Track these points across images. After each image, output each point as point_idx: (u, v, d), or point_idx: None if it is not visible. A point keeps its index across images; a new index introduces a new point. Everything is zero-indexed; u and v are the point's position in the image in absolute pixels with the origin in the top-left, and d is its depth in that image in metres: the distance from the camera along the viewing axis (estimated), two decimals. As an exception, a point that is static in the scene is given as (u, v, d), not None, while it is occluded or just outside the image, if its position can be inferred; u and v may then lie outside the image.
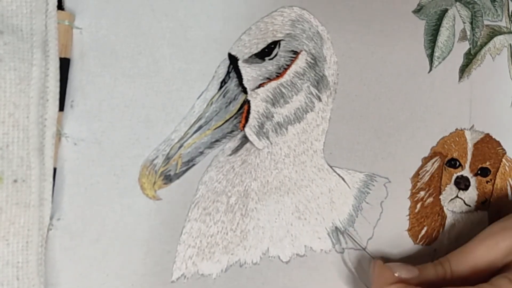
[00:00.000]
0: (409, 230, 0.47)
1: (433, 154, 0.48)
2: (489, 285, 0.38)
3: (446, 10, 0.49)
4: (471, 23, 0.50)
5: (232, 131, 0.40)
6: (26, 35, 0.33)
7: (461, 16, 0.49)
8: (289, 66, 0.42)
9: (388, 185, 0.46)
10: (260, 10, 0.41)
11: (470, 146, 0.50)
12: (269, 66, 0.41)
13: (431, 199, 0.48)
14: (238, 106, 0.40)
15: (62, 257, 0.35)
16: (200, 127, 0.39)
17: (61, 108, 0.35)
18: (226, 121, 0.40)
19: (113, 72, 0.36)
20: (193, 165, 0.39)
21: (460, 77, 0.49)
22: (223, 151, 0.40)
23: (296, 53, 0.42)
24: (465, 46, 0.50)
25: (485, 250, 0.42)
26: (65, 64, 0.35)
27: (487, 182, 0.51)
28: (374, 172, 0.46)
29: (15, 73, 0.33)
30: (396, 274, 0.40)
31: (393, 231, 0.47)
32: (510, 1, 0.52)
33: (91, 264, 0.36)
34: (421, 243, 0.48)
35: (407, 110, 0.47)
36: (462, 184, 0.50)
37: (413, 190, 0.47)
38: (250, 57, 0.40)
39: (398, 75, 0.47)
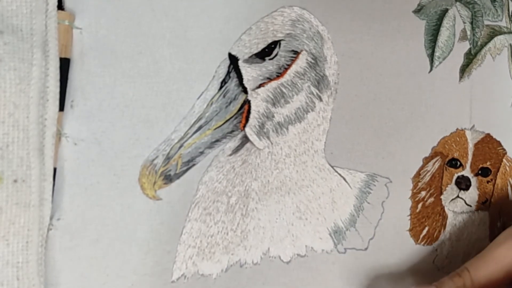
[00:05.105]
0: (410, 230, 0.47)
1: (434, 154, 0.48)
2: None
3: (446, 10, 0.49)
4: (472, 23, 0.50)
5: (232, 131, 0.40)
6: (26, 35, 0.33)
7: (461, 16, 0.49)
8: (289, 66, 0.42)
9: (389, 185, 0.46)
10: (260, 10, 0.41)
11: (470, 146, 0.50)
12: (269, 66, 0.41)
13: (432, 199, 0.48)
14: (239, 106, 0.40)
15: (62, 257, 0.35)
16: (200, 127, 0.39)
17: (61, 108, 0.35)
18: (227, 121, 0.40)
19: (113, 72, 0.36)
20: (193, 165, 0.39)
21: (461, 77, 0.49)
22: (223, 151, 0.40)
23: (296, 53, 0.42)
24: (466, 46, 0.50)
25: (505, 252, 0.41)
26: (65, 64, 0.35)
27: (487, 182, 0.51)
28: (375, 172, 0.45)
29: (15, 73, 0.33)
30: None
31: (394, 231, 0.46)
32: (510, 1, 0.52)
33: (91, 264, 0.36)
34: (422, 243, 0.48)
35: (407, 110, 0.47)
36: (463, 184, 0.50)
37: (414, 190, 0.47)
38: (251, 57, 0.40)
39: (399, 75, 0.46)
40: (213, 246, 0.40)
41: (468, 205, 0.50)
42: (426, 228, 0.48)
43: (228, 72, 0.40)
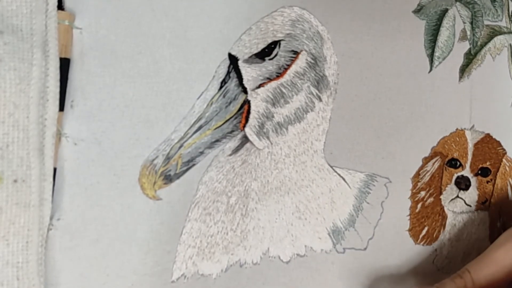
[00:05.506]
0: (409, 230, 0.47)
1: (434, 154, 0.48)
2: None
3: (446, 10, 0.49)
4: (471, 23, 0.50)
5: (232, 131, 0.40)
6: (26, 35, 0.33)
7: (461, 16, 0.49)
8: (289, 66, 0.42)
9: (389, 185, 0.46)
10: (260, 10, 0.41)
11: (470, 146, 0.50)
12: (269, 66, 0.41)
13: (431, 199, 0.48)
14: (238, 106, 0.40)
15: (62, 257, 0.35)
16: (200, 127, 0.39)
17: (61, 108, 0.35)
18: (226, 121, 0.40)
19: (113, 72, 0.36)
20: (193, 165, 0.39)
21: (461, 77, 0.49)
22: (223, 151, 0.40)
23: (296, 53, 0.42)
24: (465, 46, 0.50)
25: (505, 253, 0.41)
26: (65, 64, 0.35)
27: (487, 182, 0.51)
28: (375, 172, 0.45)
29: (15, 73, 0.33)
30: None
31: (393, 231, 0.47)
32: (510, 1, 0.52)
33: (91, 264, 0.36)
34: (422, 243, 0.48)
35: (407, 110, 0.47)
36: (462, 184, 0.50)
37: (414, 190, 0.47)
38: (250, 57, 0.40)
39: (398, 75, 0.47)
40: (213, 246, 0.40)
41: (467, 205, 0.50)
42: (426, 228, 0.48)
43: (228, 72, 0.40)
